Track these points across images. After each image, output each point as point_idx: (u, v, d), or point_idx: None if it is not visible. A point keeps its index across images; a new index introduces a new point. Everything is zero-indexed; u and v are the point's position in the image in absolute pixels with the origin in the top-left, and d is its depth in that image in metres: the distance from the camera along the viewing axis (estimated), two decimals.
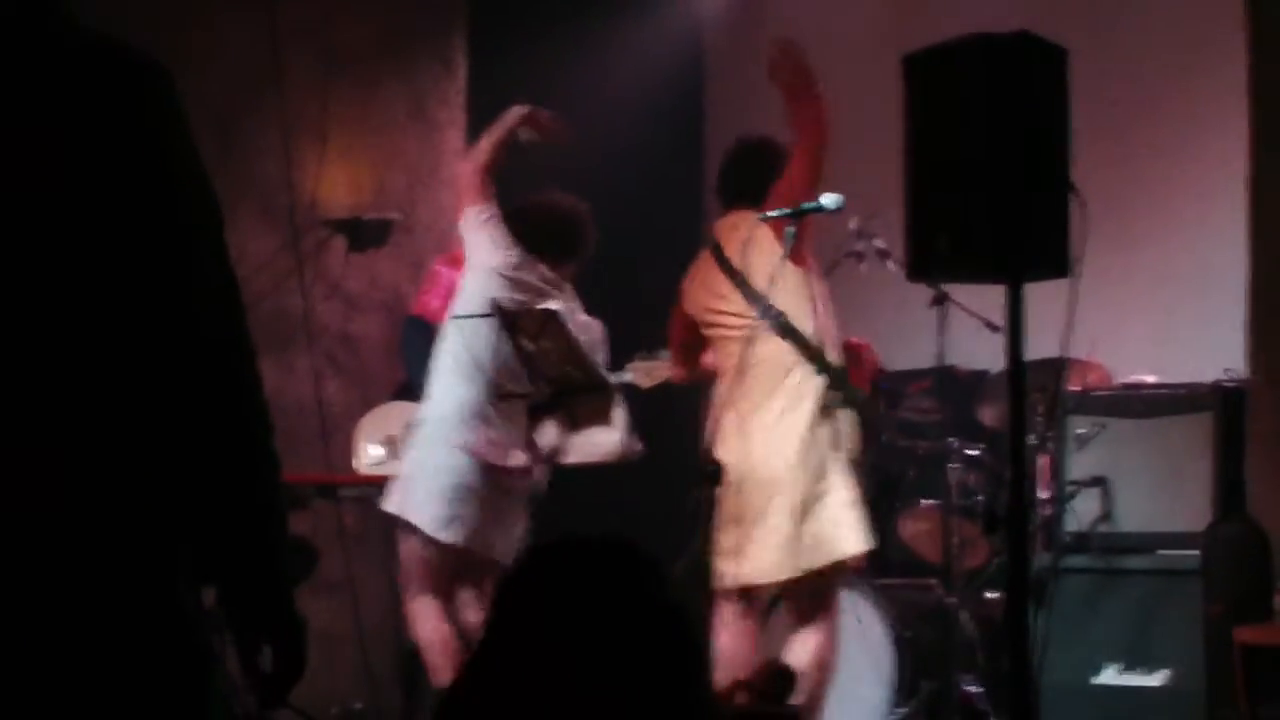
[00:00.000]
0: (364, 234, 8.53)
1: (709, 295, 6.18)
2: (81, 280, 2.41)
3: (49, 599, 2.38)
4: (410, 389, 7.46)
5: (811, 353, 5.95)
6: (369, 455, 7.58)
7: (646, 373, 6.56)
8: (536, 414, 6.27)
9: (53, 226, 2.40)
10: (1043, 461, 6.89)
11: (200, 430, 2.49)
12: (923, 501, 7.77)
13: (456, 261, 7.11)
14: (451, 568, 6.48)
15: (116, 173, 2.43)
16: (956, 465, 7.42)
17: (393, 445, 7.43)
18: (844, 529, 5.96)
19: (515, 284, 6.48)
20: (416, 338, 7.43)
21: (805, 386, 5.97)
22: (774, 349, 5.98)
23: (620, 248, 8.60)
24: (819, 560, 5.94)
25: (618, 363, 6.50)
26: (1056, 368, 6.18)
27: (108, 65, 2.48)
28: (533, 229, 6.63)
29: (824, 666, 6.08)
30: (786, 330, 5.97)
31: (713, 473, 5.90)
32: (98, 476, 2.42)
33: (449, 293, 7.00)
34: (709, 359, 6.34)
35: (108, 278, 2.42)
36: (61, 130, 2.42)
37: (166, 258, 2.46)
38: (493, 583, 6.24)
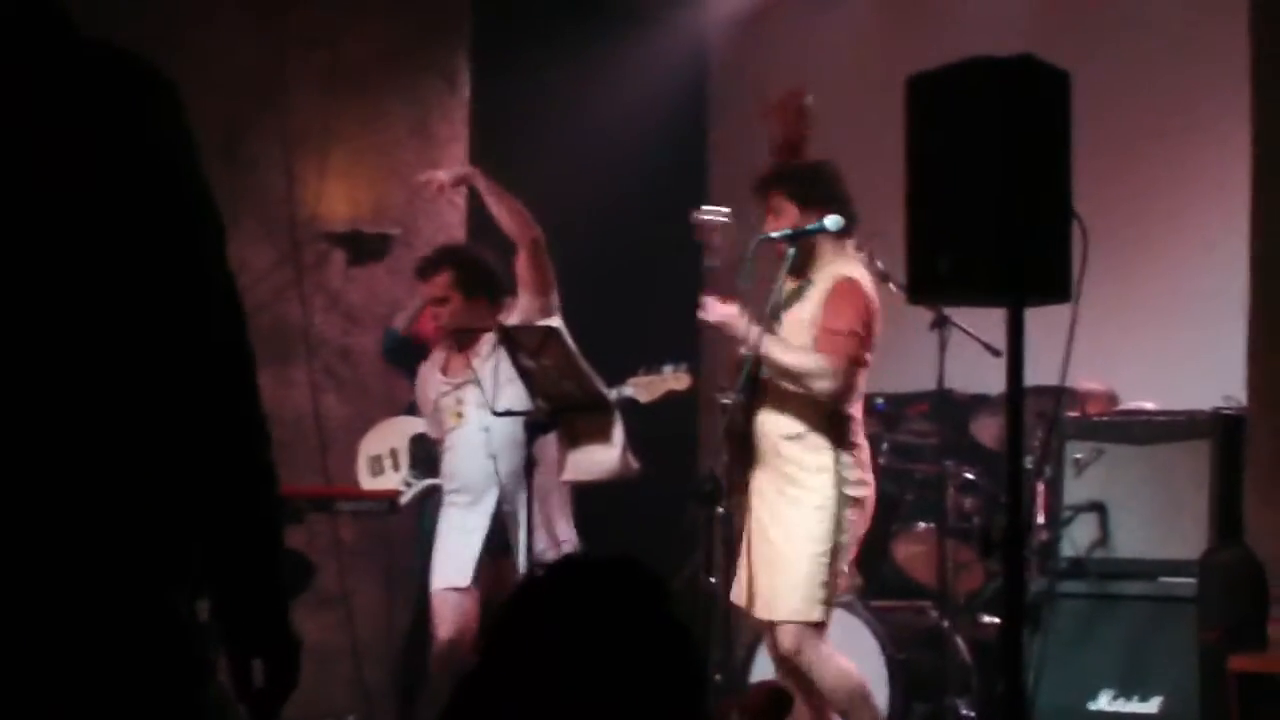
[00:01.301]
0: (364, 247, 8.54)
1: None
2: (85, 286, 2.42)
3: (44, 604, 2.38)
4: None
5: None
6: (370, 470, 7.58)
7: (647, 387, 6.55)
8: (534, 431, 6.27)
9: (60, 233, 2.41)
10: (1040, 486, 6.89)
11: (198, 438, 2.48)
12: (919, 524, 7.77)
13: None
14: None
15: (121, 180, 2.43)
16: (953, 488, 7.42)
17: (394, 459, 7.43)
18: None
19: None
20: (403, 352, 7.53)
21: None
22: None
23: (621, 263, 8.62)
24: None
25: (619, 378, 6.50)
26: (1055, 393, 6.17)
27: (114, 75, 2.48)
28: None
29: None
30: None
31: (710, 491, 5.90)
32: (96, 481, 2.42)
33: None
34: None
35: (111, 284, 2.43)
36: (69, 138, 2.42)
37: (170, 266, 2.46)
38: None
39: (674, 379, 6.52)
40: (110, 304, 2.42)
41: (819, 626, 6.02)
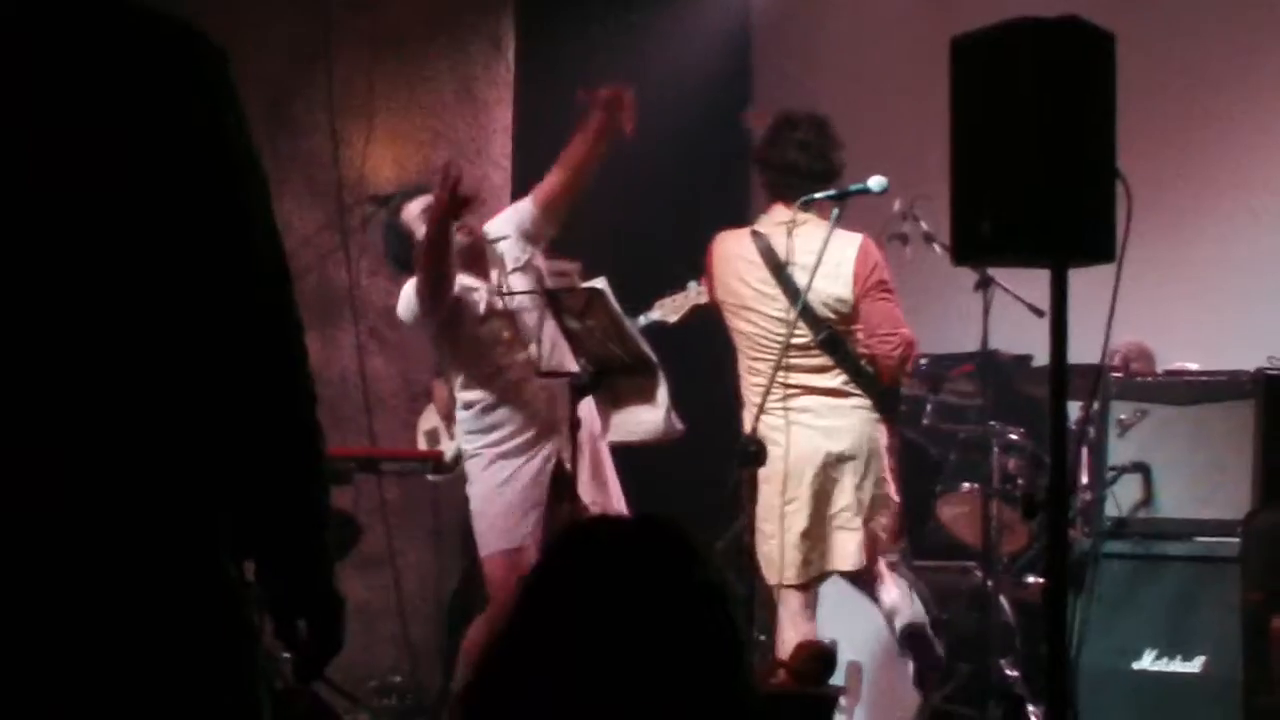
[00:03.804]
0: None
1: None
2: (137, 255, 2.44)
3: (94, 570, 2.40)
4: None
5: None
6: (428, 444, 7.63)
7: (673, 307, 6.57)
8: (580, 392, 6.25)
9: (111, 203, 2.43)
10: (1084, 447, 6.88)
11: (245, 402, 2.50)
12: (963, 485, 7.78)
13: None
14: None
15: (174, 149, 2.45)
16: (997, 449, 7.42)
17: (450, 429, 7.46)
18: None
19: None
20: None
21: None
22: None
23: (664, 228, 8.62)
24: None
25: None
26: (1097, 372, 6.16)
27: (165, 42, 2.50)
28: None
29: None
30: None
31: (753, 453, 5.91)
32: (144, 447, 2.44)
33: None
34: None
35: (162, 253, 2.45)
36: (121, 106, 2.44)
37: (221, 234, 2.48)
38: None
39: (697, 294, 6.53)
40: (152, 267, 2.44)
41: None
